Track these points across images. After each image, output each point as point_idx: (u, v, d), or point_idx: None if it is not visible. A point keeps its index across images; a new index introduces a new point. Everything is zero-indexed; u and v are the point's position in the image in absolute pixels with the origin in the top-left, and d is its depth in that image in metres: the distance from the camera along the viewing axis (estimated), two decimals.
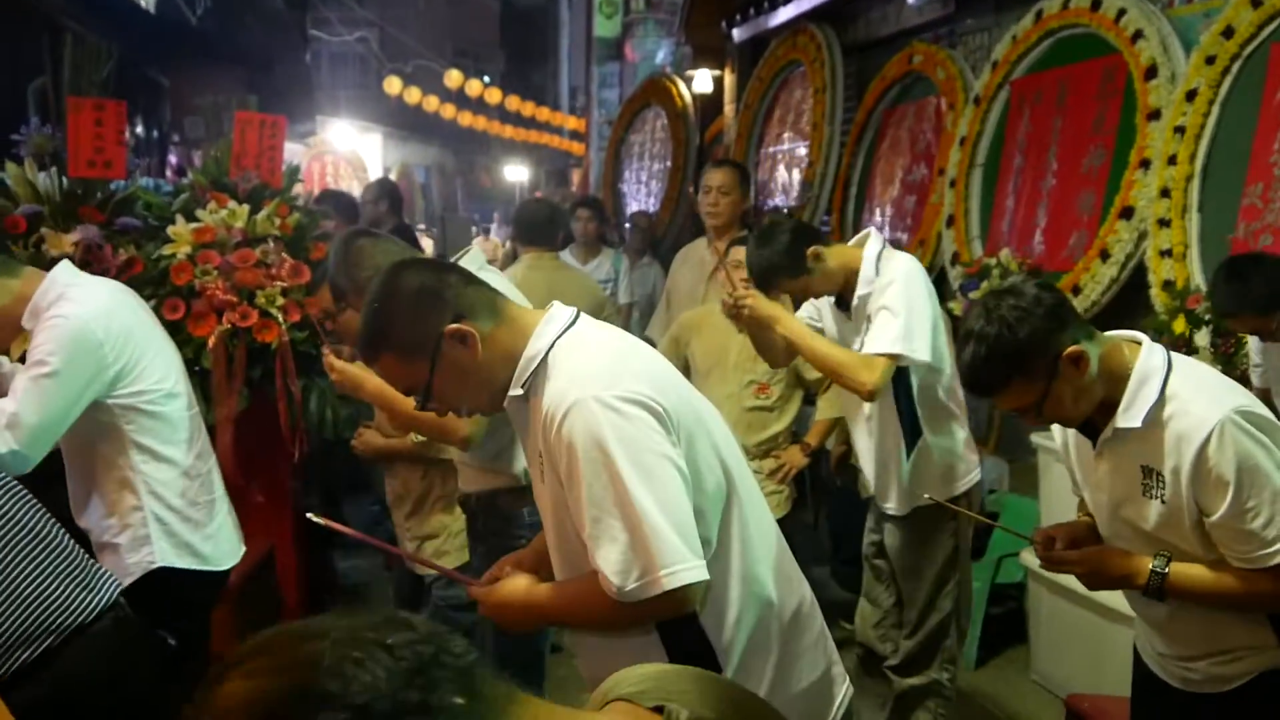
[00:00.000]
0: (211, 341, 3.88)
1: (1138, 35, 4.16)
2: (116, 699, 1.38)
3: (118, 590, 2.06)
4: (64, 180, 4.03)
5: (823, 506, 5.30)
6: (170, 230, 3.97)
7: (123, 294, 2.79)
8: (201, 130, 7.50)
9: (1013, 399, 2.02)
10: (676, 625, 1.71)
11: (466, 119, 16.37)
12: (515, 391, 1.73)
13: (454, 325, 1.70)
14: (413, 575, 3.75)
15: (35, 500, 2.01)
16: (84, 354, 2.50)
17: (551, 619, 1.95)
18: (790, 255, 3.04)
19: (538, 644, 3.06)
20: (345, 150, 14.66)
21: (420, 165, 19.35)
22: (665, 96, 8.78)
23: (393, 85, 14.81)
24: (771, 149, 7.25)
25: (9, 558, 1.87)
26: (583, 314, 1.79)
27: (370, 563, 5.45)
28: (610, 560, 1.60)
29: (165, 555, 2.64)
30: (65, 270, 2.68)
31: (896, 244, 5.08)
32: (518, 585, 1.87)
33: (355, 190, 12.19)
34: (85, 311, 2.54)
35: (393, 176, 13.48)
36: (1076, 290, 4.25)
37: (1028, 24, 4.83)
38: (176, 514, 2.69)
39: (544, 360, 1.71)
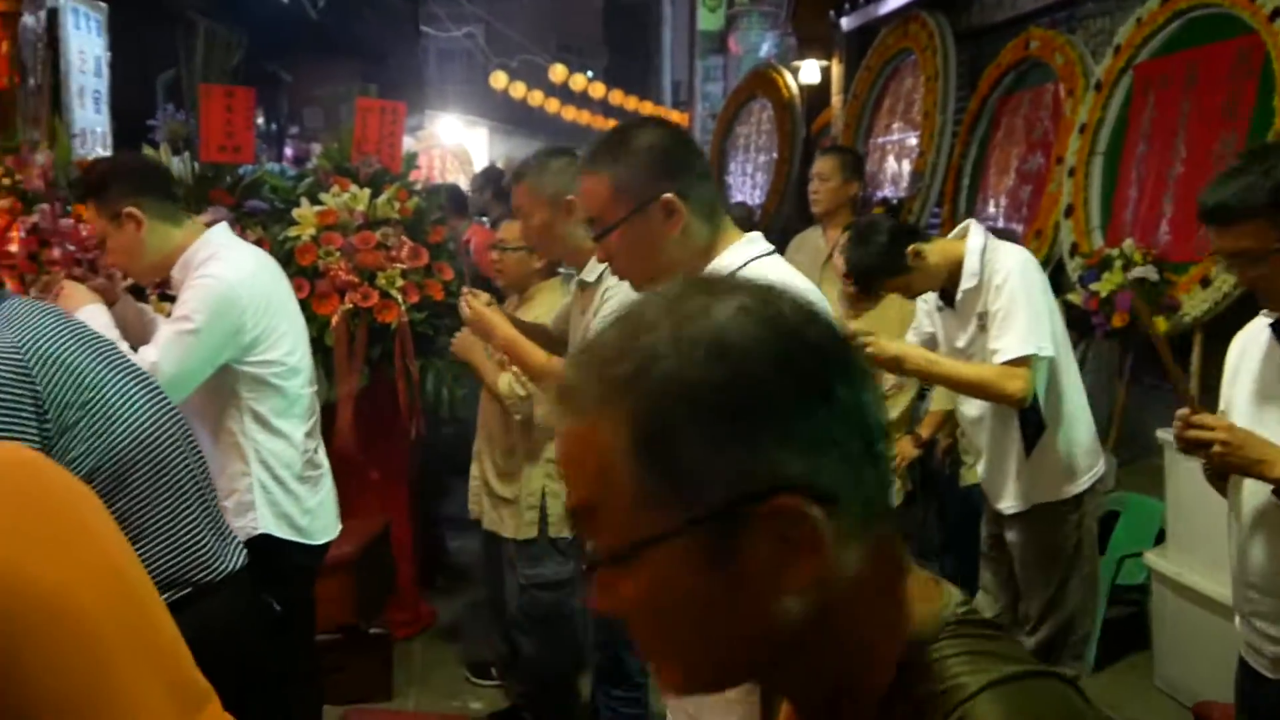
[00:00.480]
0: (334, 321, 3.98)
1: (1276, 14, 4.01)
2: (229, 655, 1.42)
3: (244, 557, 2.13)
4: (196, 164, 4.18)
5: (933, 500, 5.23)
6: (295, 213, 4.09)
7: (269, 265, 2.90)
8: (320, 120, 7.72)
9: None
10: None
11: (570, 113, 16.51)
12: None
13: (672, 196, 1.79)
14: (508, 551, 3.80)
15: (200, 451, 2.08)
16: (226, 315, 2.60)
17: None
18: (889, 256, 3.01)
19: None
20: (452, 144, 14.87)
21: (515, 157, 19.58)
22: (771, 88, 8.72)
23: (499, 80, 14.99)
24: (880, 139, 7.16)
25: (173, 500, 1.93)
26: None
27: (479, 543, 5.53)
28: None
29: (266, 523, 2.73)
30: (222, 231, 2.80)
31: (1010, 235, 4.99)
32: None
33: (462, 183, 12.38)
34: (233, 275, 2.65)
35: (500, 168, 13.64)
36: (1206, 282, 4.11)
37: (1154, 5, 4.69)
38: (281, 485, 2.76)
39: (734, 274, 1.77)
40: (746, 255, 1.84)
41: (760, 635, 0.80)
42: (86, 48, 4.92)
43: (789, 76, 8.59)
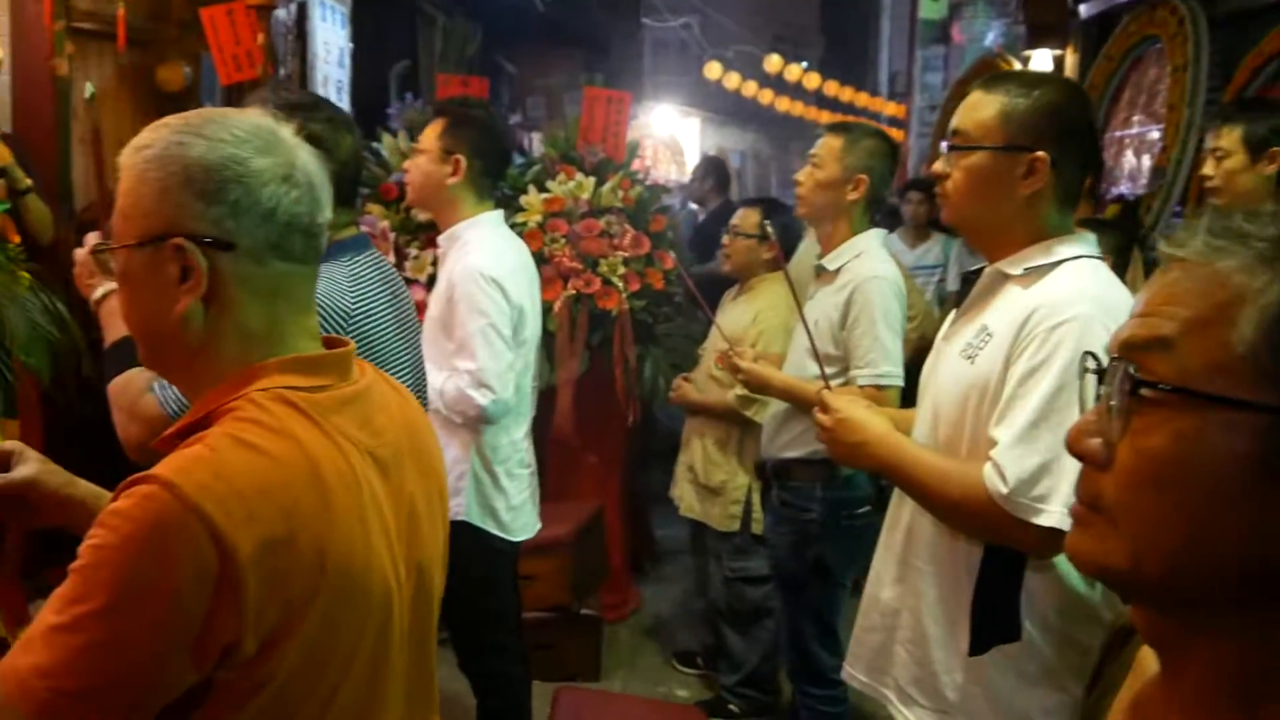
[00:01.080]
0: (557, 306, 4.07)
1: None
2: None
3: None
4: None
5: None
6: (523, 200, 4.19)
7: (527, 256, 2.98)
8: (541, 110, 7.90)
9: None
10: (1000, 571, 1.70)
11: (784, 104, 16.35)
12: (1014, 270, 1.77)
13: (1044, 156, 1.74)
14: (711, 542, 3.79)
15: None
16: (500, 302, 2.68)
17: (891, 468, 1.82)
18: None
19: (829, 615, 3.01)
20: (664, 135, 14.99)
21: (736, 150, 19.52)
22: None
23: (713, 70, 14.99)
24: (1118, 133, 6.79)
25: None
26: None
27: (685, 531, 5.56)
28: (1019, 464, 1.60)
29: (471, 511, 2.78)
30: (495, 218, 2.88)
31: None
32: (873, 419, 1.87)
33: (674, 174, 12.45)
34: (494, 265, 2.72)
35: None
36: None
37: None
38: (492, 478, 2.82)
39: (1058, 265, 1.74)
40: (1076, 251, 1.76)
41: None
42: (331, 39, 5.17)
43: (1018, 67, 8.26)
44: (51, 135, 4.06)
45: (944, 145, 1.91)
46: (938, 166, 1.89)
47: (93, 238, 2.01)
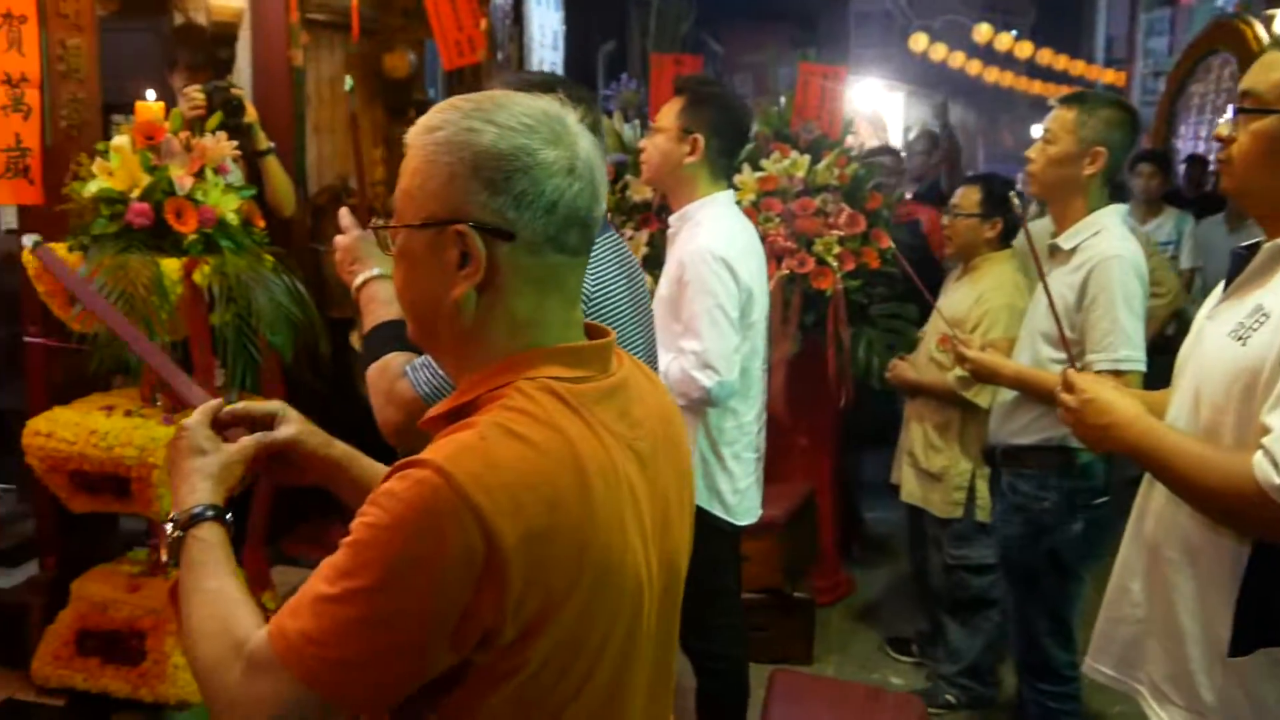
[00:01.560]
0: (770, 286, 4.01)
1: None
2: None
3: None
4: (645, 131, 4.36)
5: None
6: (736, 179, 4.15)
7: (757, 238, 2.97)
8: (749, 87, 7.85)
9: None
10: (1269, 568, 1.61)
11: (992, 75, 15.78)
12: None
13: None
14: (931, 528, 3.69)
15: None
16: (729, 283, 2.68)
17: (1143, 452, 1.73)
18: None
19: (1064, 610, 2.87)
20: (867, 109, 14.66)
21: (941, 124, 18.94)
22: (1237, 40, 7.85)
23: (918, 42, 14.59)
24: None
25: None
26: None
27: (895, 515, 5.47)
28: None
29: (699, 495, 2.77)
30: (727, 198, 2.89)
31: None
32: (1122, 400, 1.79)
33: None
34: (725, 246, 2.72)
35: (913, 135, 13.30)
36: None
37: None
38: (720, 461, 2.81)
39: None
40: None
41: None
42: (546, 22, 5.26)
43: (1259, 27, 7.69)
44: (288, 123, 4.27)
45: (1230, 109, 1.78)
46: (1222, 130, 1.76)
47: (347, 217, 2.08)
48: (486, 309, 1.15)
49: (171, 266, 2.86)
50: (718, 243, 2.70)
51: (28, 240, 1.86)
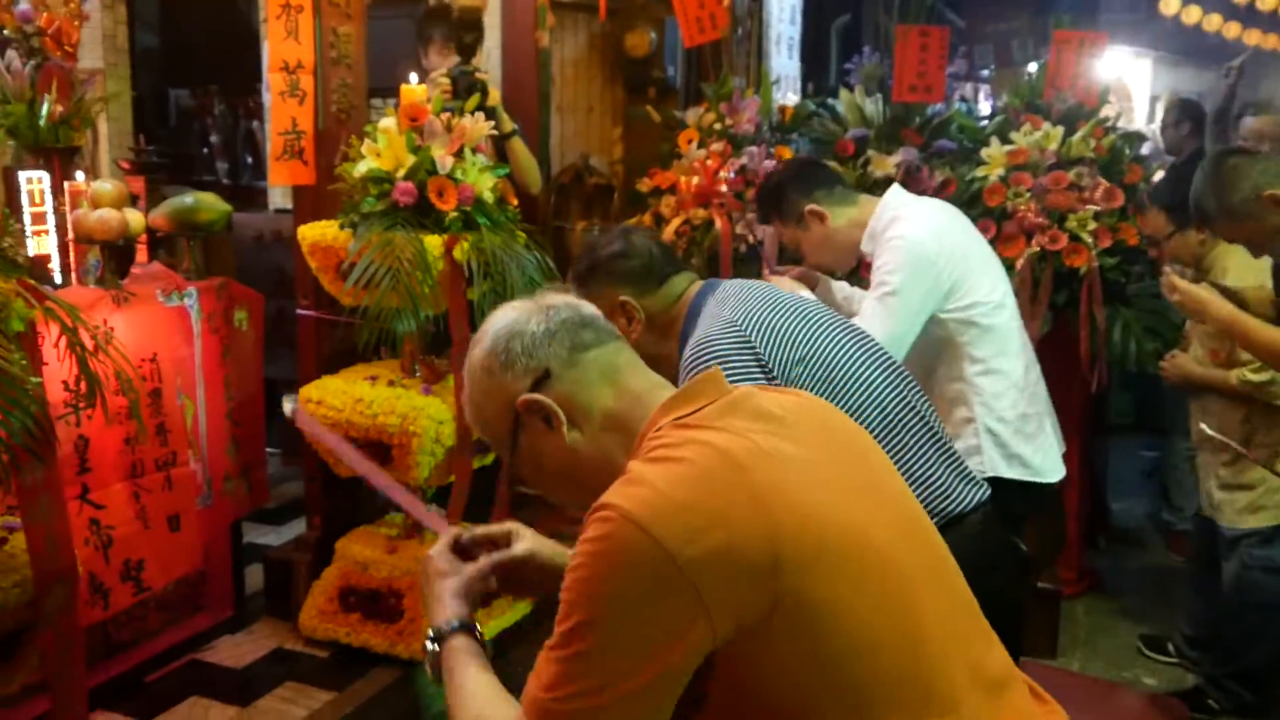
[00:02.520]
0: (1019, 264, 3.86)
1: None
2: (978, 590, 1.40)
3: (987, 491, 2.10)
4: (888, 105, 4.25)
5: None
6: (984, 153, 4.01)
7: (950, 212, 2.90)
8: (989, 59, 7.56)
9: None
10: None
11: (1253, 38, 14.63)
12: None
13: None
14: (1212, 526, 3.46)
15: (922, 390, 2.11)
16: (921, 271, 2.63)
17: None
18: None
19: None
20: (1110, 78, 13.89)
21: (1192, 92, 17.76)
22: None
23: (1170, 4, 13.68)
24: None
25: (902, 436, 1.97)
26: None
27: (1143, 506, 5.19)
28: None
29: (995, 465, 2.69)
30: (896, 194, 2.85)
31: None
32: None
33: (1120, 122, 11.47)
34: (919, 231, 2.68)
35: (1160, 106, 12.51)
36: None
37: None
38: (1007, 425, 2.71)
39: None
40: None
41: None
42: None
43: None
44: (534, 104, 4.39)
45: None
46: None
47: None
48: (587, 427, 1.34)
49: (433, 243, 2.99)
50: (909, 225, 2.65)
51: (287, 407, 2.03)
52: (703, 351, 1.99)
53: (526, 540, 1.51)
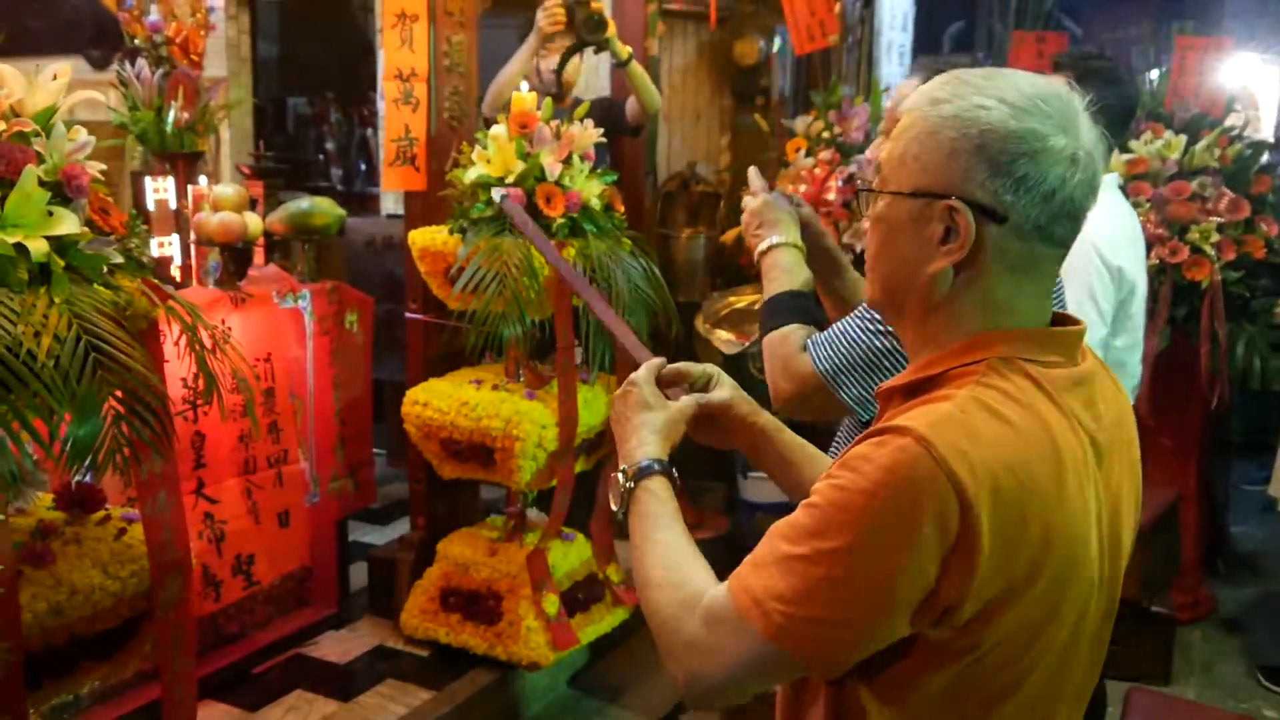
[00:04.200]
0: None
1: None
2: None
3: None
4: None
5: None
6: None
7: (1139, 225, 2.82)
8: None
9: None
10: None
11: None
12: None
13: None
14: None
15: None
16: (1105, 275, 2.55)
17: None
18: None
19: None
20: (1236, 85, 13.40)
21: None
22: None
23: None
24: None
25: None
26: None
27: (1265, 530, 4.98)
28: None
29: None
30: (1111, 181, 2.75)
31: None
32: None
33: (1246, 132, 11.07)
34: (1108, 234, 2.57)
35: None
36: None
37: None
38: None
39: None
40: None
41: None
42: (897, 4, 5.13)
43: None
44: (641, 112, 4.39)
45: None
46: None
47: (757, 179, 2.09)
48: (963, 287, 1.12)
49: None
50: (1099, 230, 2.54)
51: (496, 194, 2.00)
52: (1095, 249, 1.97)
53: (727, 388, 1.43)
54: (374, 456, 3.73)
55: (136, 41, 3.43)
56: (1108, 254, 2.51)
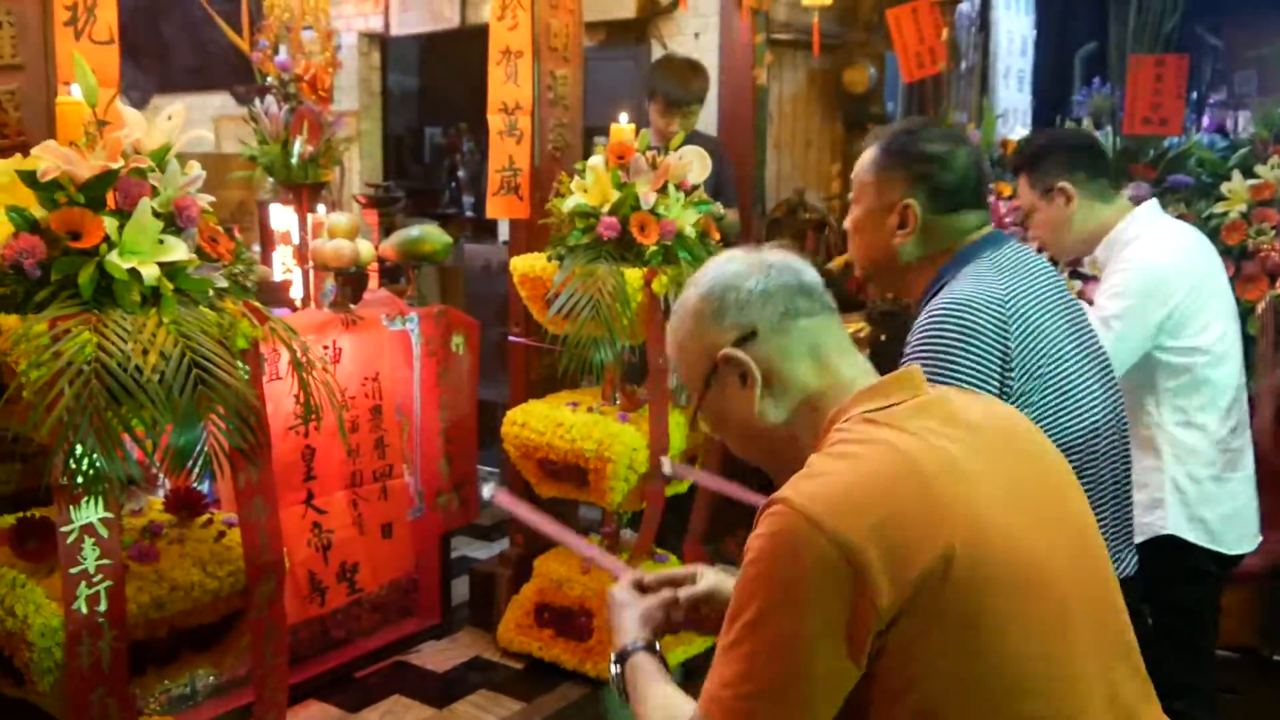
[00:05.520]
0: (1260, 307, 3.61)
1: None
2: None
3: (1135, 565, 2.01)
4: (1118, 138, 4.07)
5: None
6: (1225, 187, 3.77)
7: (1198, 242, 2.74)
8: (1252, 86, 7.04)
9: None
10: None
11: None
12: None
13: None
14: None
15: (1129, 443, 2.02)
16: (1152, 301, 2.51)
17: None
18: None
19: None
20: None
21: None
22: None
23: None
24: None
25: (1090, 485, 1.82)
26: None
27: None
28: None
29: (1178, 524, 2.53)
30: (1150, 210, 2.72)
31: None
32: None
33: None
34: (1160, 258, 2.54)
35: None
36: None
37: None
38: (1197, 485, 2.54)
39: None
40: None
41: None
42: (1015, 28, 5.07)
43: None
44: (750, 140, 4.45)
45: None
46: None
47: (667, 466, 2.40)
48: (784, 401, 1.33)
49: (633, 275, 3.08)
50: (1149, 249, 2.52)
51: (485, 492, 2.16)
52: (956, 312, 1.78)
53: (709, 578, 1.54)
54: (479, 474, 3.85)
55: (269, 79, 3.65)
56: (1160, 268, 2.55)
